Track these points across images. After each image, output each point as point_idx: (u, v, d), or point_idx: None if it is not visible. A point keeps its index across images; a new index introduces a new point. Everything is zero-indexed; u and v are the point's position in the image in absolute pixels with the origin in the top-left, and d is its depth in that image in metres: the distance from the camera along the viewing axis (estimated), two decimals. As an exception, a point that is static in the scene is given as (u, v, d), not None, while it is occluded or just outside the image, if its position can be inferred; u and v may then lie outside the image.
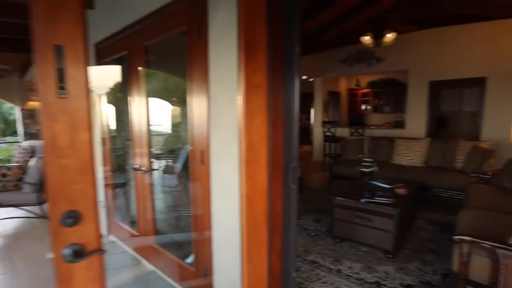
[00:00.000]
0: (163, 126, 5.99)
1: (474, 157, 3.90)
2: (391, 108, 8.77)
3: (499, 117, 5.29)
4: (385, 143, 5.04)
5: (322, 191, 5.06)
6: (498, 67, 5.26)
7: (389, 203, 2.68)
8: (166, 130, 5.98)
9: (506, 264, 1.66)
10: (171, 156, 5.27)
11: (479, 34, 5.37)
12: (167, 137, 5.87)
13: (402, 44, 6.27)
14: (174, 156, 4.81)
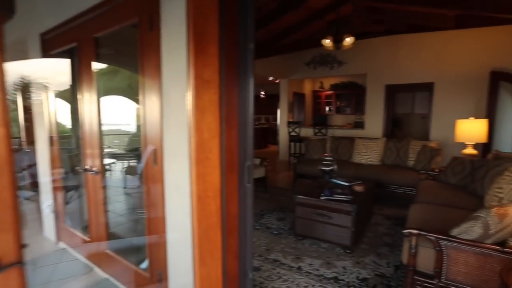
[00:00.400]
0: (130, 125, 5.73)
1: (424, 156, 4.19)
2: (352, 110, 9.17)
3: (444, 119, 5.75)
4: (346, 142, 5.24)
5: (287, 190, 5.12)
6: (443, 74, 5.72)
7: (347, 200, 2.77)
8: (132, 129, 5.72)
9: (448, 254, 1.78)
10: (133, 156, 5.02)
11: (428, 43, 5.81)
12: (132, 136, 5.61)
13: (361, 49, 6.59)
14: (137, 156, 4.59)
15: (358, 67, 6.71)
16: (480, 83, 5.39)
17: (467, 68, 5.49)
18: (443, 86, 5.74)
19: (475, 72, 5.42)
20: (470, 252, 1.72)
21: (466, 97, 5.53)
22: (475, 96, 5.46)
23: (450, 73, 5.64)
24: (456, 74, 5.60)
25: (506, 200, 2.25)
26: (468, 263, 1.73)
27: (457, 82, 5.60)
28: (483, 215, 1.63)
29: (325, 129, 7.05)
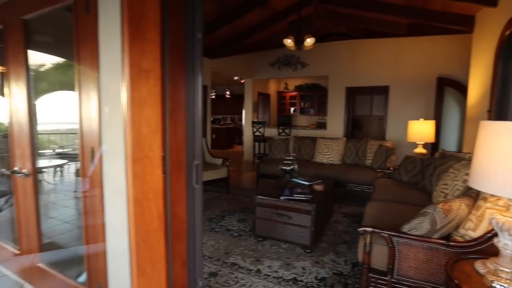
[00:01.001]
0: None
1: (380, 155, 4.35)
2: (315, 111, 9.39)
3: (398, 120, 6.07)
4: (308, 142, 5.30)
5: (250, 190, 5.05)
6: (397, 78, 6.05)
7: (307, 199, 2.75)
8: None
9: (400, 250, 1.80)
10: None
11: (384, 48, 6.10)
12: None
13: (323, 52, 6.74)
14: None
15: (320, 69, 6.86)
16: (429, 88, 5.78)
17: (418, 73, 5.86)
18: (397, 90, 6.06)
19: (425, 77, 5.79)
20: (419, 247, 1.75)
21: (417, 100, 5.89)
22: (424, 99, 5.83)
23: (403, 77, 5.98)
24: (408, 79, 5.94)
25: (451, 195, 2.37)
26: (417, 258, 1.77)
27: (409, 86, 5.95)
28: (430, 211, 1.67)
29: (289, 129, 7.11)
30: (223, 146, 11.08)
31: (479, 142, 1.39)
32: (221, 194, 4.75)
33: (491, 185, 1.29)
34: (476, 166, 1.38)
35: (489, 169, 1.30)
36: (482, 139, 1.37)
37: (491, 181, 1.28)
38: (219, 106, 13.37)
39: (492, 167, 1.28)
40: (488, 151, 1.31)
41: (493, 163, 1.28)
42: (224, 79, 11.14)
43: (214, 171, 4.59)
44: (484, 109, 3.29)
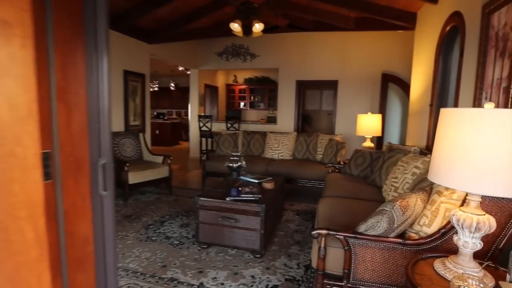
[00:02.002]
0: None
1: (330, 149, 4.31)
2: (265, 105, 9.25)
3: (347, 114, 6.20)
4: (258, 137, 5.06)
5: (196, 190, 4.63)
6: (345, 72, 6.15)
7: (255, 199, 2.48)
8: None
9: (356, 252, 1.62)
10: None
11: (333, 42, 6.15)
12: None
13: (273, 44, 6.56)
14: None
15: (270, 61, 6.67)
16: (375, 83, 5.98)
17: (365, 69, 6.02)
18: (345, 84, 6.17)
19: (371, 73, 5.98)
20: (376, 248, 1.59)
21: (364, 95, 6.07)
22: (370, 94, 6.03)
23: (351, 72, 6.10)
24: (356, 74, 6.08)
25: (401, 189, 2.31)
26: (374, 260, 1.61)
27: (357, 81, 6.09)
28: (387, 209, 1.51)
29: (238, 123, 6.81)
30: (168, 143, 10.35)
31: (440, 132, 1.23)
32: (162, 196, 4.25)
33: (453, 179, 1.14)
34: (436, 159, 1.23)
35: (450, 161, 1.14)
36: (443, 128, 1.22)
37: (453, 175, 1.13)
38: (164, 100, 12.48)
39: (453, 159, 1.12)
40: (449, 141, 1.16)
41: (455, 154, 1.12)
42: (168, 70, 10.36)
43: (153, 170, 4.07)
44: (426, 103, 3.38)
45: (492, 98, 1.93)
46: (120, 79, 4.86)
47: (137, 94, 5.31)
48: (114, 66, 4.68)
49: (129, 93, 5.09)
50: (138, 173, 3.88)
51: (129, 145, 4.49)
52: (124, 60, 4.91)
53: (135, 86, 5.26)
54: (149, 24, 5.17)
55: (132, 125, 5.22)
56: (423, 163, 2.23)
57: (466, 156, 1.08)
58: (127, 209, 3.67)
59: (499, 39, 1.89)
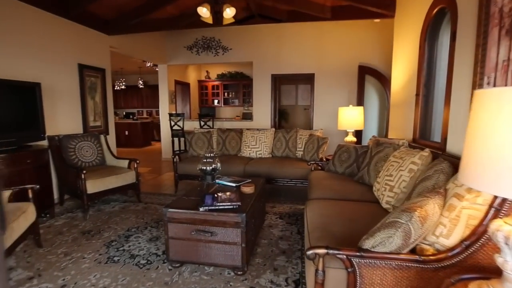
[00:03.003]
0: None
1: (311, 145, 4.04)
2: (240, 101, 8.88)
3: (324, 108, 6.00)
4: (234, 135, 4.70)
5: (167, 195, 4.19)
6: (322, 65, 5.93)
7: (234, 208, 2.12)
8: None
9: (361, 274, 1.33)
10: None
11: (309, 34, 5.90)
12: None
13: (246, 36, 6.20)
14: None
15: (243, 54, 6.30)
16: (352, 76, 5.82)
17: (341, 61, 5.83)
18: (322, 78, 5.95)
19: (347, 65, 5.81)
20: (387, 267, 1.31)
21: (342, 88, 5.89)
22: (348, 87, 5.86)
23: (328, 65, 5.89)
24: (333, 66, 5.88)
25: (397, 188, 2.07)
26: (384, 282, 1.32)
27: (333, 74, 5.89)
28: (403, 221, 1.22)
29: (212, 121, 6.39)
30: (138, 144, 9.68)
31: (474, 121, 0.94)
32: (128, 205, 3.77)
33: (495, 182, 0.86)
34: (470, 155, 0.94)
35: (490, 158, 0.86)
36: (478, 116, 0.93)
37: (495, 176, 0.85)
38: (132, 99, 11.72)
39: (495, 157, 0.85)
40: (488, 132, 0.88)
41: (498, 149, 0.84)
42: (135, 66, 9.67)
43: (117, 176, 3.58)
44: (411, 94, 3.20)
45: (498, 82, 1.72)
46: (74, 74, 4.26)
47: (96, 91, 4.73)
48: (66, 59, 4.09)
49: (86, 90, 4.50)
50: (98, 180, 3.38)
51: (88, 149, 3.94)
52: (79, 53, 4.32)
53: (94, 82, 4.68)
54: (107, 13, 4.60)
55: (92, 126, 4.64)
56: (420, 158, 2.00)
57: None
58: (86, 223, 3.17)
59: (504, 16, 1.68)
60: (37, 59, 3.63)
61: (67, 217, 3.35)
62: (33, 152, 3.07)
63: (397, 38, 3.84)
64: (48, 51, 3.78)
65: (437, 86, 2.89)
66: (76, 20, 4.21)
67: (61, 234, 2.85)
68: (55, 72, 3.91)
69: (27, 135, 3.29)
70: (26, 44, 3.49)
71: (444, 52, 2.73)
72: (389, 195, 2.08)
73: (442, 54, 2.79)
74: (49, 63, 3.81)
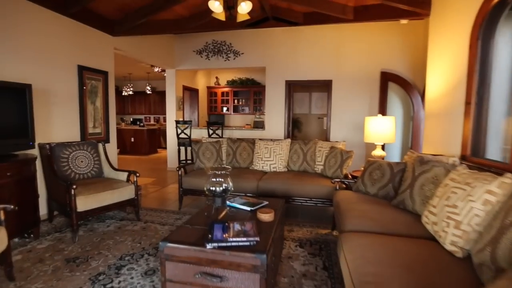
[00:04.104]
0: None
1: (333, 159, 3.55)
2: (251, 109, 8.47)
3: (343, 118, 5.51)
4: (245, 145, 4.25)
5: (170, 213, 3.73)
6: (340, 71, 5.48)
7: (251, 244, 1.65)
8: None
9: None
10: None
11: (327, 38, 5.47)
12: None
13: (259, 40, 5.81)
14: None
15: (256, 59, 5.90)
16: (373, 83, 5.34)
17: (362, 67, 5.38)
18: (340, 84, 5.49)
19: (368, 71, 5.35)
20: None
21: (362, 96, 5.41)
22: (369, 95, 5.38)
23: (347, 71, 5.44)
24: (352, 73, 5.43)
25: (467, 225, 1.56)
26: None
27: (353, 81, 5.43)
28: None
29: (221, 129, 5.97)
30: (144, 151, 9.32)
31: None
32: (125, 224, 3.33)
33: None
34: None
35: None
36: None
37: None
38: (140, 105, 11.46)
39: None
40: None
41: None
42: (143, 72, 9.40)
43: (113, 191, 3.15)
44: (457, 102, 2.71)
45: None
46: (73, 76, 3.90)
47: (97, 95, 4.36)
48: (64, 59, 3.73)
49: (86, 94, 4.13)
50: (91, 196, 2.95)
51: (84, 159, 3.54)
52: (79, 53, 3.97)
53: (95, 85, 4.32)
54: (112, 12, 4.26)
55: (91, 134, 4.25)
56: (501, 187, 1.50)
57: None
58: (74, 247, 2.73)
59: None
60: (30, 58, 3.28)
61: (54, 238, 2.92)
62: (15, 163, 2.66)
63: (434, 39, 3.37)
64: (43, 50, 3.43)
65: (494, 92, 2.39)
66: (77, 18, 3.87)
67: (41, 262, 2.41)
68: (51, 73, 3.55)
69: (13, 143, 2.90)
70: (17, 41, 3.13)
71: (505, 51, 2.25)
72: (455, 234, 1.58)
73: (502, 53, 2.31)
74: (44, 63, 3.46)
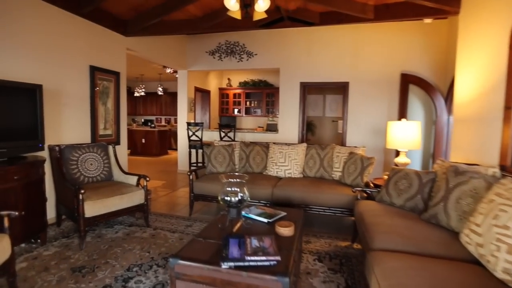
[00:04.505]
0: None
1: (353, 166, 3.35)
2: (263, 111, 8.31)
3: (360, 121, 5.28)
4: (259, 150, 4.08)
5: (180, 219, 3.60)
6: (357, 73, 5.25)
7: (271, 265, 1.48)
8: None
9: None
10: None
11: (343, 38, 5.27)
12: None
13: (273, 40, 5.66)
14: None
15: (270, 60, 5.74)
16: (392, 85, 5.10)
17: (380, 69, 5.15)
18: (358, 87, 5.27)
19: (388, 72, 5.11)
20: None
21: (380, 99, 5.18)
22: (388, 98, 5.14)
23: (365, 73, 5.22)
24: (370, 74, 5.20)
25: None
26: None
27: (371, 83, 5.20)
28: None
29: (233, 132, 5.83)
30: (155, 153, 9.27)
31: None
32: (134, 230, 3.20)
33: None
34: None
35: None
36: None
37: None
38: (152, 106, 11.46)
39: None
40: None
41: None
42: (155, 73, 9.37)
43: (122, 196, 3.03)
44: (493, 106, 2.47)
45: None
46: (85, 77, 3.83)
47: (109, 96, 4.28)
48: (76, 59, 3.66)
49: (98, 94, 4.05)
50: (99, 201, 2.84)
51: (93, 162, 3.44)
52: (91, 54, 3.89)
53: (107, 86, 4.24)
54: (124, 12, 4.18)
55: (102, 135, 4.17)
56: None
57: None
58: (80, 254, 2.61)
59: None
60: (41, 58, 3.21)
61: (61, 244, 2.81)
62: (23, 166, 2.57)
63: (464, 38, 3.13)
64: (54, 50, 3.36)
65: (539, 97, 2.15)
66: (89, 17, 3.80)
67: (47, 271, 2.30)
68: (62, 73, 3.48)
69: (23, 145, 2.82)
70: (27, 40, 3.07)
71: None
72: (509, 260, 1.37)
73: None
74: (56, 63, 3.38)
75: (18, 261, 2.44)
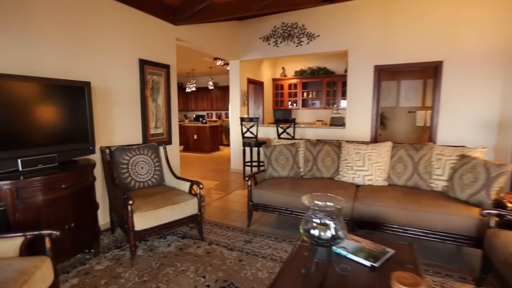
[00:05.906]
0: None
1: (471, 175, 2.44)
2: (322, 103, 7.46)
3: (459, 112, 4.17)
4: (328, 149, 3.36)
5: (238, 231, 3.09)
6: (454, 49, 4.13)
7: None
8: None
9: None
10: None
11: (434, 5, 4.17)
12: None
13: (340, 17, 4.80)
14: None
15: (335, 42, 4.90)
16: (508, 61, 3.88)
17: (489, 41, 3.95)
18: (456, 66, 4.13)
19: (500, 46, 3.89)
20: None
21: (490, 81, 3.98)
22: (501, 79, 3.93)
23: (466, 48, 4.06)
24: (474, 50, 4.02)
25: None
26: None
27: (475, 61, 4.03)
28: None
29: (292, 128, 5.17)
30: (206, 149, 9.07)
31: None
32: (188, 244, 2.78)
33: None
34: None
35: None
36: None
37: None
38: (202, 101, 11.34)
39: None
40: None
41: None
42: (205, 67, 9.10)
43: (175, 207, 2.61)
44: None
45: None
46: (134, 72, 3.51)
47: (159, 92, 3.95)
48: (123, 53, 3.34)
49: (148, 90, 3.73)
50: (150, 213, 2.45)
51: (144, 165, 3.10)
52: (140, 46, 3.56)
53: (157, 81, 3.90)
54: (173, -4, 3.77)
55: (153, 135, 3.86)
56: None
57: None
58: (131, 273, 2.25)
59: None
60: (86, 52, 2.92)
61: (113, 256, 2.52)
62: (73, 173, 2.29)
63: None
64: (101, 42, 3.05)
65: None
66: (136, 5, 3.44)
67: (92, 300, 1.95)
68: (110, 69, 3.18)
69: (73, 149, 2.56)
70: (71, 31, 2.78)
71: None
72: None
73: None
74: (102, 57, 3.08)
75: (70, 276, 2.22)
